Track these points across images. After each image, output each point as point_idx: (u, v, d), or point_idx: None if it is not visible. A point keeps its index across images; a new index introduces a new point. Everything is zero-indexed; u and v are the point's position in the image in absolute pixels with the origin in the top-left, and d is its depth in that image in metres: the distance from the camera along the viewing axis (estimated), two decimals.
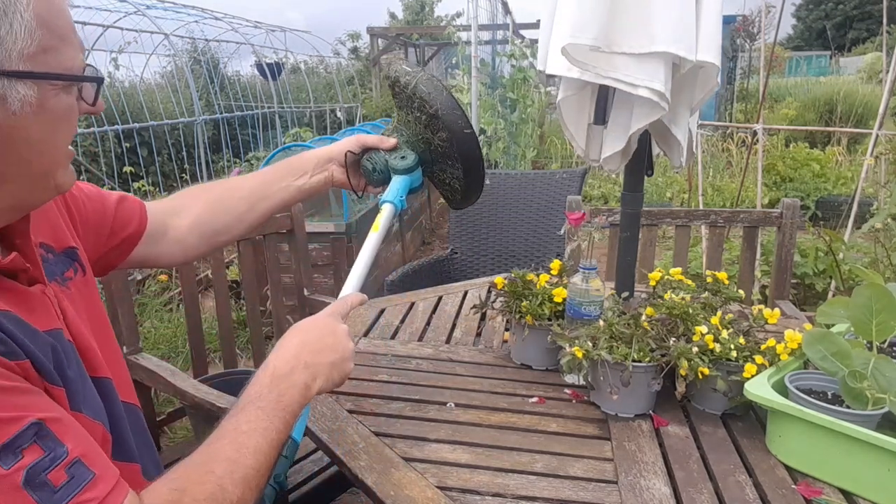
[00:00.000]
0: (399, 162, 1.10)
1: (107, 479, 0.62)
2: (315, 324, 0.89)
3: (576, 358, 1.06)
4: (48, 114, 0.64)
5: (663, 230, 4.75)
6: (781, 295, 1.99)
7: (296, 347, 0.84)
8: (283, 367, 0.81)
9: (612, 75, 1.16)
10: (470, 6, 5.42)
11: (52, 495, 0.57)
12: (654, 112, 1.20)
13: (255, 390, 0.79)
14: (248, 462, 0.71)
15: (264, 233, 2.03)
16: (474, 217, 2.70)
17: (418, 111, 1.07)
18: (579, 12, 1.12)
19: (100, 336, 0.82)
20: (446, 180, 1.15)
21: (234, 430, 0.74)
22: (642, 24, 1.13)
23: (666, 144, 1.40)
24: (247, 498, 0.70)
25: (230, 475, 0.69)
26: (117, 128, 5.17)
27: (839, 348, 0.97)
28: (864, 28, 30.14)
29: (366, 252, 1.05)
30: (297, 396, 0.80)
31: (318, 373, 0.83)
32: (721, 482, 0.91)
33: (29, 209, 0.72)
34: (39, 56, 0.62)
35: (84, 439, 0.64)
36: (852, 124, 8.23)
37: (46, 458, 0.58)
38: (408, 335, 1.46)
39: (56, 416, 0.62)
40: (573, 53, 1.15)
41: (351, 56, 14.48)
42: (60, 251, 0.82)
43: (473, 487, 0.89)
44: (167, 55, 7.83)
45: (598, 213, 2.06)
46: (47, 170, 0.68)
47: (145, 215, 1.01)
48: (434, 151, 1.11)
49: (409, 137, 1.12)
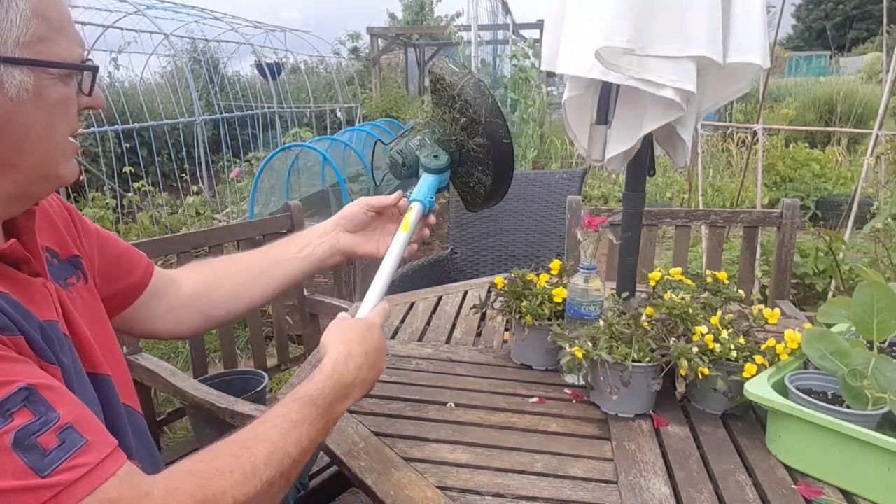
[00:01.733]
0: (432, 161, 1.08)
1: (101, 446, 0.61)
2: (370, 335, 0.89)
3: (576, 358, 1.06)
4: (45, 102, 0.65)
5: (663, 230, 4.76)
6: (781, 295, 1.99)
7: (361, 359, 0.85)
8: (347, 376, 0.83)
9: (645, 76, 1.15)
10: (470, 6, 5.43)
11: (42, 458, 0.56)
12: (669, 113, 1.21)
13: (316, 388, 0.80)
14: (290, 450, 0.72)
15: (264, 233, 2.03)
16: (474, 217, 2.70)
17: (458, 113, 1.05)
18: (614, 15, 1.11)
19: (101, 339, 0.82)
20: (470, 183, 1.13)
21: (282, 417, 0.74)
22: (678, 27, 1.12)
23: (670, 145, 1.41)
24: (277, 483, 0.70)
25: (267, 455, 0.69)
26: (117, 128, 5.16)
27: (838, 347, 0.97)
28: (864, 28, 30.15)
29: (394, 252, 1.03)
30: (342, 408, 0.83)
31: (363, 389, 0.87)
32: (721, 482, 0.91)
33: (32, 200, 0.73)
34: (35, 45, 0.64)
35: (78, 407, 0.62)
36: (852, 124, 8.23)
37: (37, 422, 0.57)
38: (408, 335, 1.46)
39: (48, 384, 0.61)
40: (604, 55, 1.14)
41: (351, 56, 14.48)
42: (65, 258, 0.83)
43: (473, 487, 0.89)
44: (167, 55, 7.83)
45: (599, 214, 2.06)
46: (47, 159, 0.69)
47: (150, 271, 1.00)
48: (466, 155, 1.09)
49: (441, 136, 1.10)
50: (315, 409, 0.77)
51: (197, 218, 5.44)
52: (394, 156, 1.10)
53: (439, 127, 1.10)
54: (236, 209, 5.46)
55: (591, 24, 1.14)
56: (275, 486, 0.69)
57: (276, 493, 0.71)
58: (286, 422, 0.74)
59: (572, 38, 1.21)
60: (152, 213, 5.09)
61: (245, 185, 5.80)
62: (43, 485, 0.55)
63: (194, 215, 5.43)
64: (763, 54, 1.18)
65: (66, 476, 0.57)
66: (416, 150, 1.09)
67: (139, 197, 5.32)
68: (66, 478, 0.57)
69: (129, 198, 5.24)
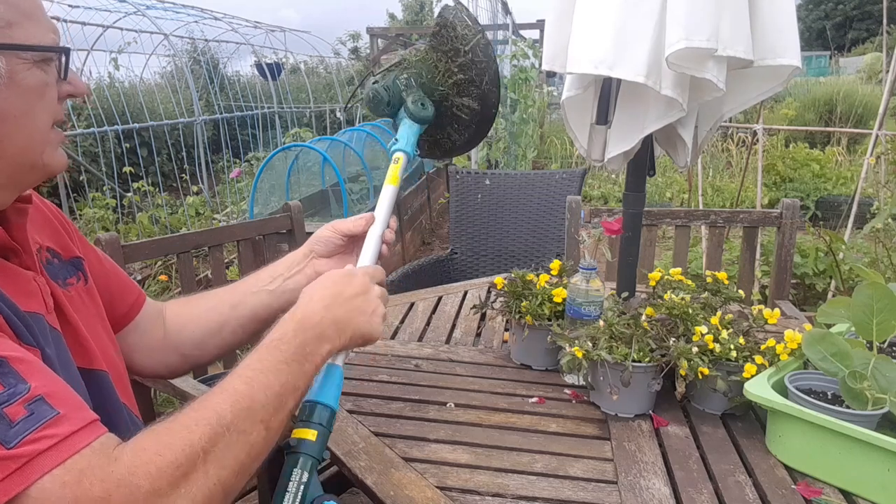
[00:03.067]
0: (419, 109, 1.01)
1: (74, 419, 0.59)
2: (349, 280, 0.85)
3: (576, 358, 1.06)
4: (20, 87, 0.66)
5: (663, 230, 4.75)
6: (781, 295, 1.99)
7: (328, 299, 0.81)
8: (312, 316, 0.79)
9: (706, 75, 1.12)
10: (470, 6, 5.43)
11: (8, 430, 0.55)
12: (671, 114, 1.20)
13: (277, 334, 0.77)
14: (256, 395, 0.69)
15: (264, 233, 2.03)
16: (474, 217, 2.70)
17: (457, 68, 0.99)
18: (690, 16, 1.07)
19: (98, 337, 0.82)
20: (437, 136, 1.08)
21: (245, 367, 0.72)
22: (745, 28, 1.11)
23: (670, 145, 1.40)
24: (250, 430, 0.67)
25: (232, 404, 0.67)
26: (117, 128, 5.16)
27: (839, 349, 0.97)
28: (864, 28, 30.14)
29: (384, 205, 0.98)
30: (321, 349, 0.78)
31: (344, 331, 0.81)
32: (721, 482, 0.91)
33: (20, 190, 0.73)
34: (3, 30, 0.64)
35: (53, 381, 0.61)
36: (852, 124, 8.23)
37: (5, 393, 0.56)
38: (408, 335, 1.46)
39: (21, 357, 0.60)
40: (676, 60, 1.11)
41: (351, 56, 14.48)
42: (67, 259, 0.84)
43: (473, 487, 0.89)
44: (167, 55, 7.84)
45: (599, 214, 2.06)
46: (29, 146, 0.69)
47: (140, 303, 0.98)
48: (447, 109, 1.03)
49: (426, 82, 1.02)
50: (279, 353, 0.74)
51: (197, 218, 5.44)
52: (378, 90, 1.02)
53: (427, 72, 1.03)
54: (236, 209, 5.46)
55: (650, 23, 1.10)
56: (248, 433, 0.67)
57: (256, 440, 0.68)
58: (248, 370, 0.71)
59: (589, 35, 1.18)
60: (152, 213, 5.09)
61: (245, 185, 5.81)
62: (8, 455, 0.54)
63: (194, 215, 5.43)
64: (797, 55, 1.17)
65: (32, 447, 0.55)
66: (402, 91, 1.02)
67: (139, 197, 5.33)
68: (32, 448, 0.55)
69: (128, 198, 5.24)
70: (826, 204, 5.67)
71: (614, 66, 1.13)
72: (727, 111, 1.35)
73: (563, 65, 1.25)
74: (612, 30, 1.13)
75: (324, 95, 10.38)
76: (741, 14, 1.12)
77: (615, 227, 1.22)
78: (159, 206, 5.28)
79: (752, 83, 1.28)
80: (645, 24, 1.12)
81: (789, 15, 1.18)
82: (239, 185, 5.88)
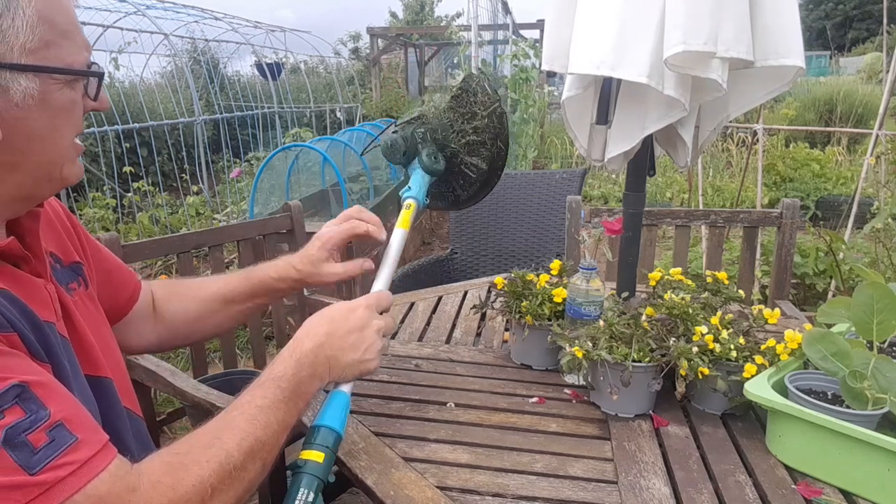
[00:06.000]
0: (433, 163, 1.07)
1: (91, 443, 0.61)
2: (347, 316, 0.89)
3: (576, 358, 1.06)
4: (50, 107, 0.66)
5: (663, 230, 4.75)
6: (781, 295, 1.98)
7: (323, 337, 0.85)
8: (308, 354, 0.83)
9: (711, 75, 1.13)
10: (470, 6, 5.43)
11: (32, 456, 0.56)
12: (672, 114, 1.20)
13: (278, 370, 0.80)
14: (258, 434, 0.73)
15: (264, 233, 2.03)
16: (474, 217, 2.70)
17: (472, 130, 1.06)
18: (689, 18, 1.08)
19: (102, 342, 0.82)
20: (443, 190, 1.14)
21: (248, 404, 0.75)
22: (746, 30, 1.11)
23: (670, 145, 1.40)
24: (250, 468, 0.71)
25: (238, 442, 0.71)
26: (117, 128, 5.16)
27: (839, 348, 0.97)
28: (864, 28, 30.13)
29: (393, 248, 1.03)
30: (312, 387, 0.83)
31: (334, 368, 0.86)
32: (721, 482, 0.91)
33: (36, 201, 0.73)
34: (41, 51, 0.64)
35: (70, 404, 0.63)
36: (852, 124, 8.23)
37: (27, 420, 0.57)
38: (408, 335, 1.46)
39: (41, 381, 0.61)
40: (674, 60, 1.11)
41: (352, 56, 14.49)
42: (67, 264, 0.84)
43: (473, 487, 0.89)
44: (167, 55, 7.83)
45: (599, 214, 2.06)
46: (52, 161, 0.69)
47: (138, 292, 1.02)
48: (455, 166, 1.09)
49: (440, 138, 1.09)
50: (280, 391, 0.78)
51: (197, 218, 5.44)
52: (397, 140, 1.08)
53: (441, 130, 1.10)
54: (236, 209, 5.46)
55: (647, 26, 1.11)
56: (248, 470, 0.71)
57: (253, 477, 0.72)
58: (252, 408, 0.75)
59: (590, 36, 1.18)
60: (152, 213, 5.09)
61: (245, 185, 5.81)
62: (31, 482, 0.56)
63: (194, 215, 5.43)
64: (801, 55, 1.18)
65: (54, 474, 0.57)
66: (418, 144, 1.08)
67: (139, 197, 5.33)
68: (54, 475, 0.57)
69: (129, 198, 5.24)
70: (826, 204, 5.67)
71: (616, 66, 1.13)
72: (732, 111, 1.35)
73: (563, 65, 1.25)
74: (614, 30, 1.13)
75: (324, 95, 10.39)
76: (742, 15, 1.12)
77: (615, 227, 1.23)
78: (159, 205, 5.28)
79: (757, 84, 1.28)
80: (646, 25, 1.12)
81: (792, 16, 1.18)
82: (239, 185, 5.88)
